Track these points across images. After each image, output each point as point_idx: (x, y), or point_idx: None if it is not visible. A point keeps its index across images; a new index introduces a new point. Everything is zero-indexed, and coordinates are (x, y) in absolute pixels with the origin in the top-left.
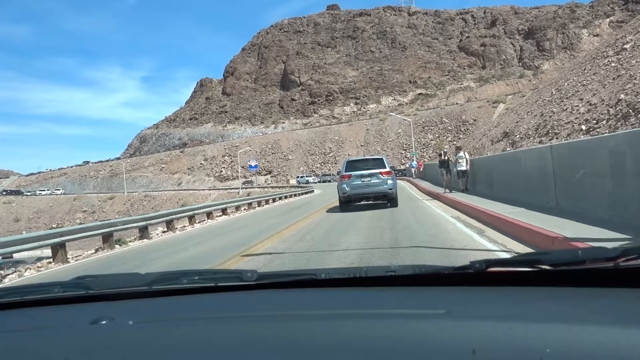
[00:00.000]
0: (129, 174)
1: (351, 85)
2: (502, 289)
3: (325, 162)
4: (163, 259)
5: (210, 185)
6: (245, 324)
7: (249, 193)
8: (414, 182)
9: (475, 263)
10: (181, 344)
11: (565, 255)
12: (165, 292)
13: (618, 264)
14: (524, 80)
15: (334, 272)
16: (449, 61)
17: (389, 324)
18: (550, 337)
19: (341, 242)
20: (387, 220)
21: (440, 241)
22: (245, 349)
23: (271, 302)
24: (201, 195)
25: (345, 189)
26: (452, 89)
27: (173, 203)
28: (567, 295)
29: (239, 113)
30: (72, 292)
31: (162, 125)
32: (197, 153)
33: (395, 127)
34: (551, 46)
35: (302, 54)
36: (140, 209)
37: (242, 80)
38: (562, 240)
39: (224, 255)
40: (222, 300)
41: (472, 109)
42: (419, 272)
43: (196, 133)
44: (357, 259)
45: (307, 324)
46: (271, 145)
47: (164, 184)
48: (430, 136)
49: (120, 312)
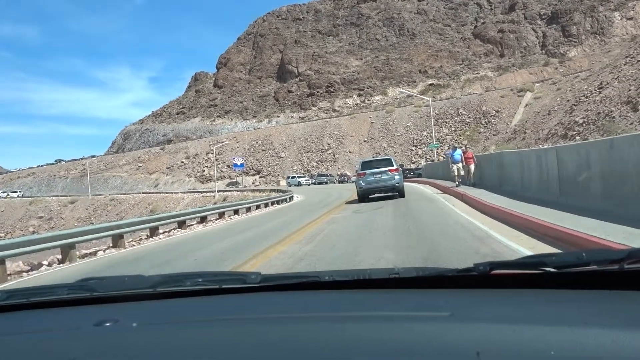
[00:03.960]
0: (101, 174)
1: (354, 76)
2: (505, 291)
3: (323, 160)
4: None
5: (190, 187)
6: (249, 326)
7: (226, 198)
8: (471, 199)
9: (479, 265)
10: (185, 346)
11: (570, 257)
12: (169, 294)
13: (623, 266)
14: (550, 68)
15: (337, 274)
16: (463, 49)
17: (393, 326)
18: (555, 340)
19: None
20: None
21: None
22: (248, 351)
23: (275, 304)
24: (173, 199)
25: (361, 184)
26: (468, 79)
27: (141, 208)
28: (571, 298)
29: (229, 106)
30: (77, 294)
31: (147, 120)
32: (179, 150)
33: (405, 119)
34: (579, 31)
35: (301, 43)
36: (103, 215)
37: (236, 72)
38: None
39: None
40: (226, 303)
41: (493, 99)
42: (423, 275)
43: (182, 128)
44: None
45: (311, 326)
46: (262, 141)
47: (139, 185)
48: (445, 130)
49: (124, 314)
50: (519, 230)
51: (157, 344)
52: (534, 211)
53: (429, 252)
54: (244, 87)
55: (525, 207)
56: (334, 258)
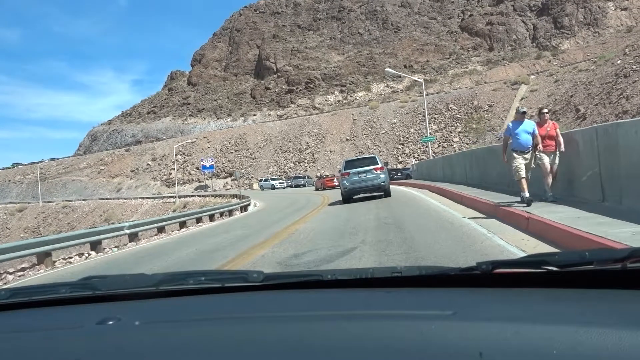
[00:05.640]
0: (59, 179)
1: (336, 71)
2: (508, 290)
3: (301, 160)
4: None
5: (155, 192)
6: (251, 325)
7: (186, 205)
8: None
9: (481, 264)
10: (187, 344)
11: (572, 256)
12: (172, 292)
13: (626, 265)
14: (542, 61)
15: (340, 273)
16: (450, 43)
17: (395, 325)
18: (557, 339)
19: None
20: None
21: None
22: (251, 350)
23: (277, 303)
24: (131, 206)
25: (345, 184)
26: (456, 74)
27: (95, 217)
28: (574, 297)
29: (203, 105)
30: (79, 293)
31: (116, 121)
32: (145, 152)
33: (390, 116)
34: (571, 23)
35: (280, 37)
36: (53, 224)
37: (211, 69)
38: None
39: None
40: (228, 301)
41: (485, 93)
42: (425, 273)
43: (152, 129)
44: None
45: (313, 325)
46: (235, 140)
47: (100, 190)
48: (434, 126)
49: (126, 313)
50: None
51: (159, 343)
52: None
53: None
54: (219, 84)
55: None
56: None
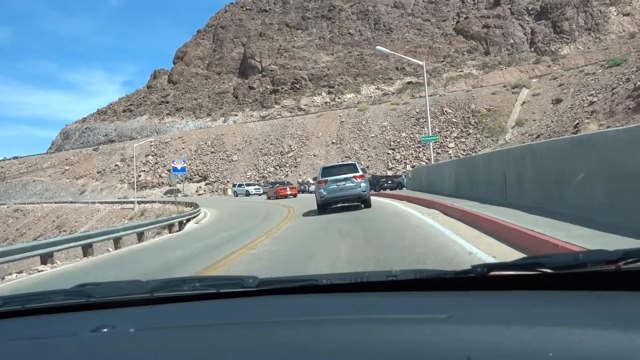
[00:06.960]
0: (19, 179)
1: (324, 72)
2: (503, 293)
3: (282, 164)
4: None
5: (121, 195)
6: (247, 330)
7: (144, 212)
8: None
9: (476, 267)
10: (182, 351)
11: (567, 258)
12: (167, 299)
13: (619, 267)
14: (542, 66)
15: (335, 277)
16: (444, 46)
17: (391, 329)
18: (552, 341)
19: None
20: None
21: None
22: (246, 355)
23: (272, 308)
24: (88, 212)
25: (322, 193)
26: (450, 77)
27: (48, 222)
28: (568, 299)
29: (182, 103)
30: (74, 300)
31: (90, 118)
32: (115, 152)
33: (380, 118)
34: (571, 27)
35: (267, 36)
36: (1, 230)
37: (193, 67)
38: None
39: None
40: (224, 307)
41: (483, 96)
42: (420, 277)
43: (126, 127)
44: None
45: (309, 330)
46: (211, 141)
47: (62, 192)
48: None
49: (121, 320)
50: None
51: (154, 350)
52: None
53: None
54: (201, 83)
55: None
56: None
